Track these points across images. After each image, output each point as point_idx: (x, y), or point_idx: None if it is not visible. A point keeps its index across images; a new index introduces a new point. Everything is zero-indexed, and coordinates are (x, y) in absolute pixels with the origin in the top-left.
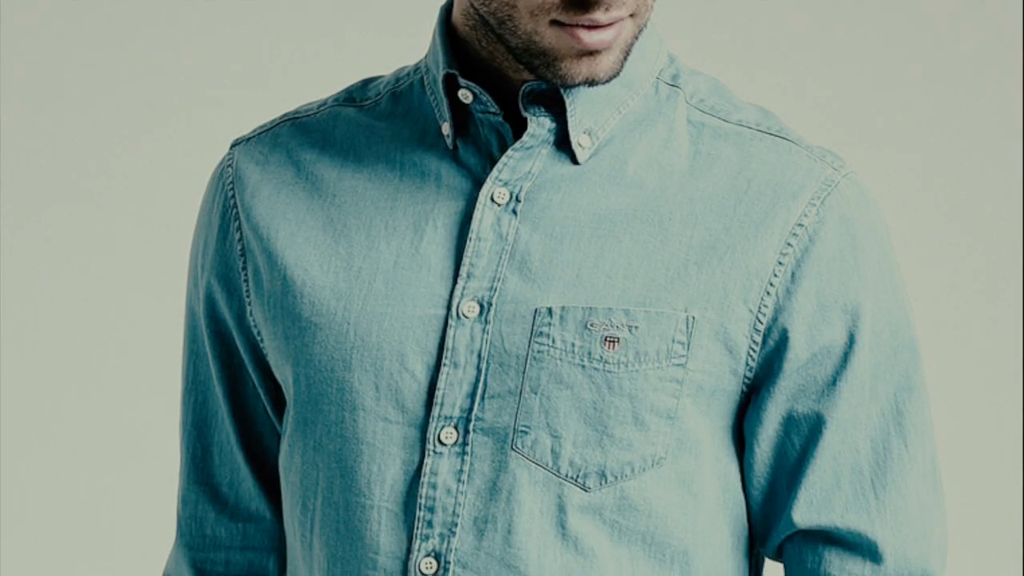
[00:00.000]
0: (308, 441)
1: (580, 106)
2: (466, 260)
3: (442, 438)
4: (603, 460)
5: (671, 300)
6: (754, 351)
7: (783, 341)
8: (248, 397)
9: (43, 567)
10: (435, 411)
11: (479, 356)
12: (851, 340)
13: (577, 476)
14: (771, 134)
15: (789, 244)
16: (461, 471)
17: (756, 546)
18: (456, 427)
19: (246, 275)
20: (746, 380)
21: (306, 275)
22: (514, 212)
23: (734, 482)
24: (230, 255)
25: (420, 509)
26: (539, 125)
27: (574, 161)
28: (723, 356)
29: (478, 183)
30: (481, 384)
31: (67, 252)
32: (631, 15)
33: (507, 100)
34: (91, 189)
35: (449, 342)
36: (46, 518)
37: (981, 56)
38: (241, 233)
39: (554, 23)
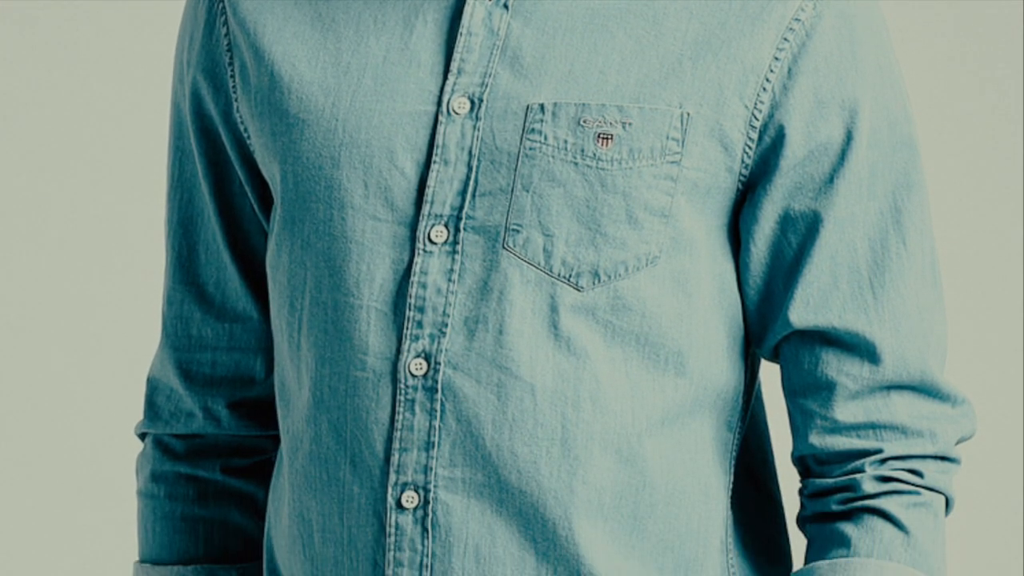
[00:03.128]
0: (296, 240)
1: None
2: (456, 55)
3: (432, 237)
4: (596, 259)
5: (665, 96)
6: (750, 148)
7: (779, 138)
8: (234, 195)
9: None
10: (425, 209)
11: (470, 153)
12: (848, 137)
13: (569, 275)
14: None
15: (786, 39)
16: (451, 270)
17: (752, 347)
18: (446, 225)
19: (232, 71)
20: (742, 178)
21: (294, 71)
22: (505, 6)
23: (730, 282)
24: (216, 50)
25: (410, 309)
26: None
27: None
28: (718, 153)
29: None
30: (472, 182)
31: (49, 244)
32: None
33: None
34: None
35: (439, 139)
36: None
37: (982, 56)
38: (227, 28)
39: None
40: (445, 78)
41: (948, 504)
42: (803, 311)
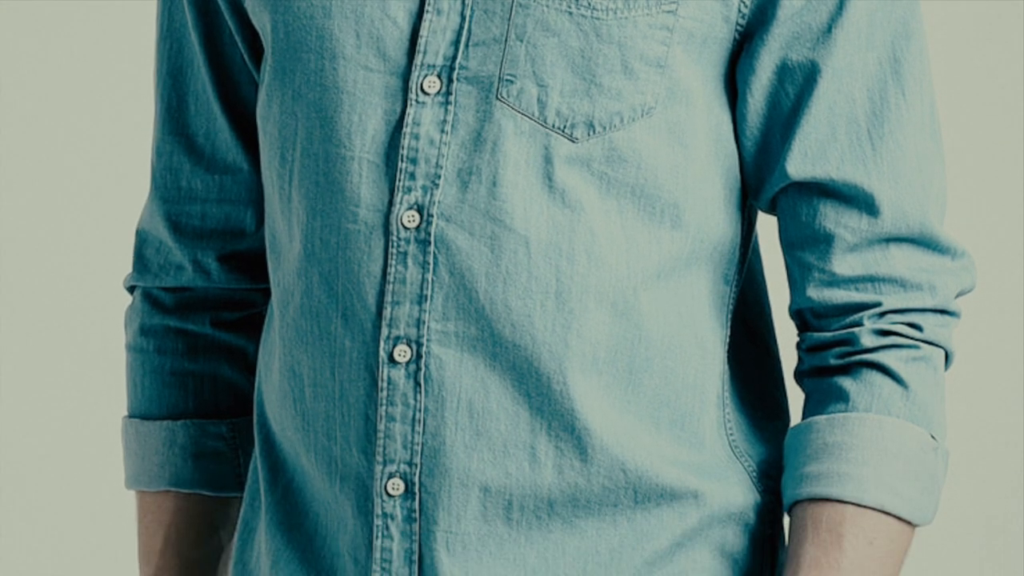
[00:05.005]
0: (287, 91)
1: None
2: None
3: (425, 87)
4: (591, 110)
5: None
6: None
7: None
8: (224, 45)
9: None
10: (418, 59)
11: (463, 2)
12: None
13: (564, 126)
14: None
15: None
16: (444, 121)
17: (749, 199)
18: (439, 76)
19: None
20: (738, 27)
21: None
22: None
23: (726, 134)
24: None
25: (402, 161)
26: None
27: None
28: (714, 2)
29: None
30: (465, 31)
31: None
32: None
33: None
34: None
35: None
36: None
37: (983, 56)
38: None
39: None
40: None
41: (948, 358)
42: (800, 163)
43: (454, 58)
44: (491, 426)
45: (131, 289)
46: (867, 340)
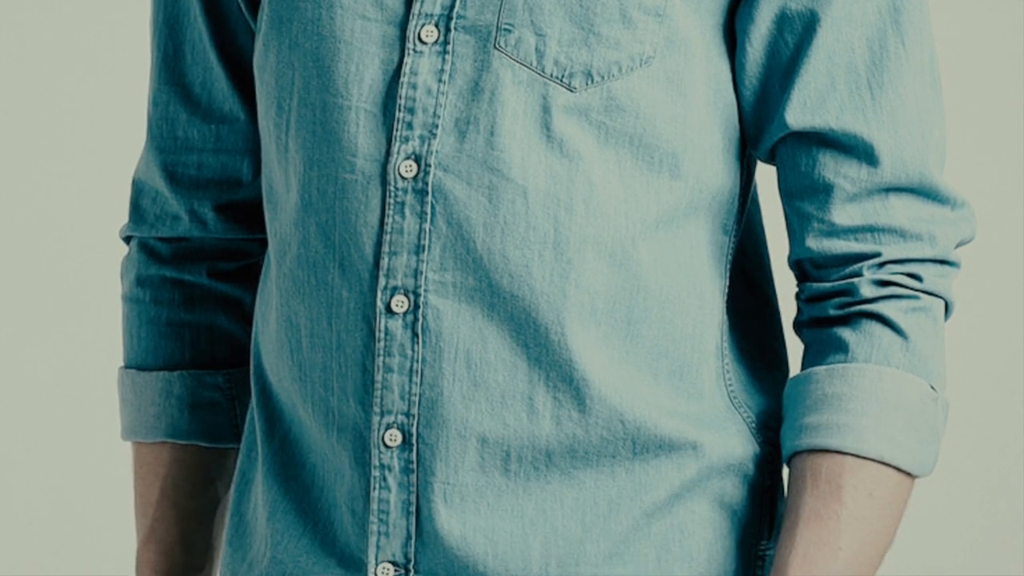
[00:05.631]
0: (283, 39)
1: None
2: None
3: (422, 36)
4: (589, 59)
5: None
6: None
7: None
8: None
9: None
10: (415, 8)
11: None
12: None
13: (562, 76)
14: None
15: None
16: (442, 71)
17: (748, 149)
18: (437, 25)
19: None
20: None
21: None
22: None
23: (725, 83)
24: None
25: (400, 110)
26: None
27: None
28: None
29: None
30: None
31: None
32: None
33: None
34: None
35: None
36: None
37: (985, 55)
38: None
39: None
40: None
41: (948, 309)
42: (799, 112)
43: (452, 7)
44: (489, 377)
45: (127, 239)
46: (867, 290)
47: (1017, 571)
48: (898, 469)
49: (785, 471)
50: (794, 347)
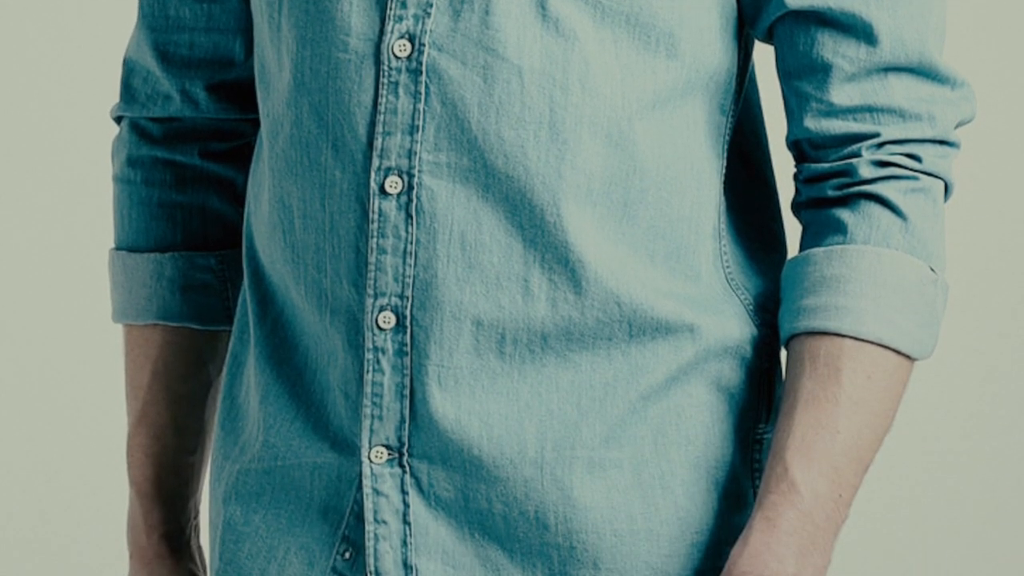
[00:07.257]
0: None
1: None
2: None
3: None
4: None
5: None
6: None
7: None
8: None
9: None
10: None
11: None
12: None
13: None
14: None
15: None
16: None
17: (745, 28)
18: None
19: None
20: None
21: None
22: None
23: None
24: None
25: None
26: None
27: None
28: None
29: None
30: None
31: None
32: None
33: None
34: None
35: None
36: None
37: (986, 55)
38: None
39: None
40: None
41: (947, 189)
42: None
43: None
44: (483, 258)
45: (118, 120)
46: (865, 171)
47: (1017, 571)
48: (897, 352)
49: (783, 353)
50: (792, 228)
